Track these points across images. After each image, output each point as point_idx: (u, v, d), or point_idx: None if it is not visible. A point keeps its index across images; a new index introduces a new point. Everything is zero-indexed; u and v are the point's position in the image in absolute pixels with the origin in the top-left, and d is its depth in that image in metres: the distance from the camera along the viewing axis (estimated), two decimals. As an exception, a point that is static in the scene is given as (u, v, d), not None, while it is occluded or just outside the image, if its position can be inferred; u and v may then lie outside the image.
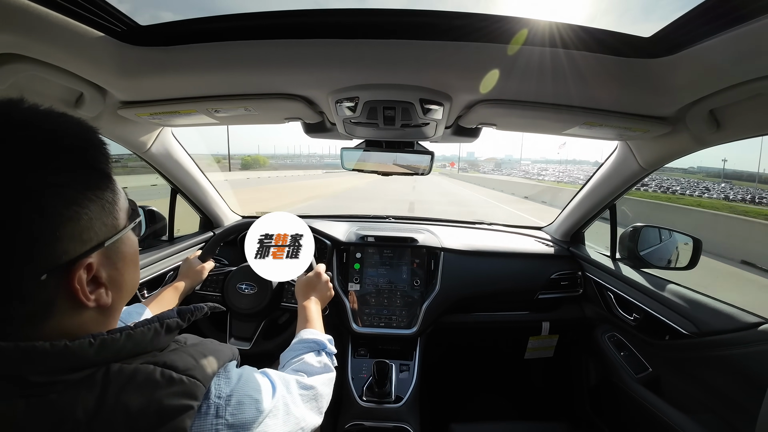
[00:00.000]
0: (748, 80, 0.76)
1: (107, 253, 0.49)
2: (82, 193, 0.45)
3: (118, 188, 0.51)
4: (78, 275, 0.45)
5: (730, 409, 1.10)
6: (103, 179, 0.48)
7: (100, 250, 0.48)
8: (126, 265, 0.54)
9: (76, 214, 0.44)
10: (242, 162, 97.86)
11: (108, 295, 0.50)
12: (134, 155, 1.43)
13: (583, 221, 1.85)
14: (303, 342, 0.94)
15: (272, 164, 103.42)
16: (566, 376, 2.01)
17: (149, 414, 0.44)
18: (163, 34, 0.84)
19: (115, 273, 0.51)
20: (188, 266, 1.40)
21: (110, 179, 0.50)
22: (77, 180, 0.45)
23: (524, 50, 0.80)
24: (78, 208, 0.44)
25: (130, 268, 0.55)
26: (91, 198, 0.46)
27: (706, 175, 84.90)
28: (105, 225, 0.48)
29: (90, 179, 0.46)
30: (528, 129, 1.30)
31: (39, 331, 0.44)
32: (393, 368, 1.51)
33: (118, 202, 0.51)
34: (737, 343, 1.08)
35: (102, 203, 0.48)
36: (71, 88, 0.93)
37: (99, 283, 0.49)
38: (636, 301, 1.45)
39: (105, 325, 0.51)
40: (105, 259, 0.49)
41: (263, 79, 0.96)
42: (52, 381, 0.42)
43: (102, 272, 0.48)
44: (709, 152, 10.92)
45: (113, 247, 0.50)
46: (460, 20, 0.77)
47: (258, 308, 1.45)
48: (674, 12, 0.88)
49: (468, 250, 1.84)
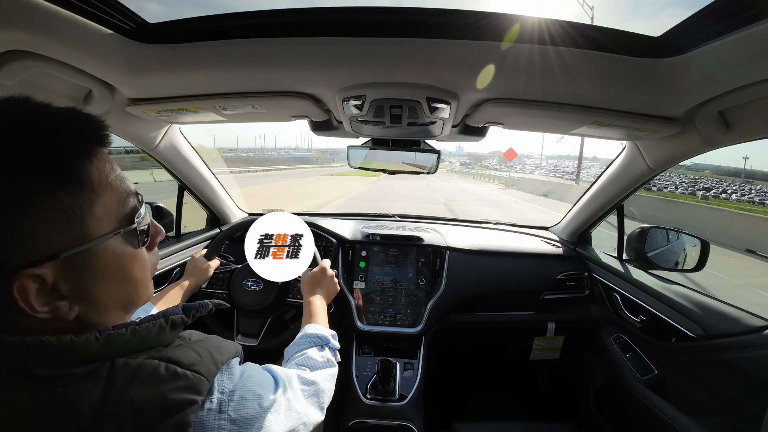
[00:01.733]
0: (759, 80, 0.75)
1: (68, 265, 0.45)
2: (25, 198, 0.41)
3: (96, 195, 0.46)
4: (20, 284, 0.41)
5: (735, 412, 1.09)
6: (65, 183, 0.43)
7: (58, 261, 0.43)
8: (99, 280, 0.48)
9: (16, 221, 0.40)
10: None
11: (72, 309, 0.46)
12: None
13: (590, 222, 1.84)
14: (307, 336, 0.95)
15: (230, 158, 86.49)
16: (571, 378, 2.00)
17: (154, 408, 0.44)
18: (171, 32, 0.84)
19: (80, 287, 0.46)
20: (194, 265, 1.41)
21: (79, 185, 0.44)
22: (19, 182, 0.40)
23: (533, 49, 0.79)
24: (19, 215, 0.40)
25: (105, 284, 0.49)
26: (38, 204, 0.41)
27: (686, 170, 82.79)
28: (62, 234, 0.43)
29: (39, 183, 0.41)
30: (535, 128, 1.30)
31: (6, 326, 0.43)
32: (397, 366, 1.51)
33: (91, 211, 0.46)
34: (744, 346, 1.07)
35: (59, 211, 0.43)
36: (80, 85, 0.94)
37: (59, 295, 0.45)
38: (642, 303, 1.44)
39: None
40: (65, 271, 0.45)
41: (271, 76, 0.96)
42: (58, 375, 0.43)
43: (62, 285, 0.45)
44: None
45: (77, 259, 0.45)
46: (468, 18, 0.77)
47: (264, 305, 1.46)
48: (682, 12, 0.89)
49: (474, 250, 1.84)
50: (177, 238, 1.72)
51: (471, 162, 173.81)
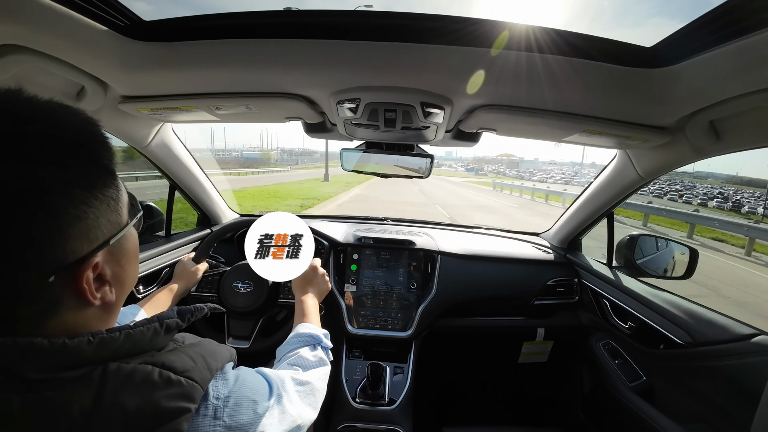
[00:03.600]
0: (748, 92, 0.76)
1: (112, 250, 0.49)
2: (89, 191, 0.44)
3: (120, 184, 0.51)
4: (86, 275, 0.45)
5: (722, 419, 1.11)
6: (108, 176, 0.48)
7: (105, 248, 0.47)
8: (129, 261, 0.53)
9: (84, 213, 0.43)
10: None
11: (112, 292, 0.50)
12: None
13: (581, 228, 1.86)
14: (299, 336, 0.94)
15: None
16: (560, 383, 2.01)
17: (146, 415, 0.44)
18: (166, 30, 0.84)
19: (118, 270, 0.51)
20: (182, 268, 1.40)
21: (114, 176, 0.49)
22: (84, 177, 0.44)
23: (526, 57, 0.80)
24: (85, 207, 0.44)
25: (132, 264, 0.55)
26: (97, 196, 0.45)
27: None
28: (110, 222, 0.48)
29: (95, 176, 0.46)
30: (528, 135, 1.31)
31: (42, 329, 0.43)
32: (387, 370, 1.51)
33: (120, 199, 0.50)
34: (731, 354, 1.08)
35: (107, 201, 0.47)
36: (73, 80, 0.93)
37: (104, 281, 0.49)
38: (631, 310, 1.46)
39: (106, 322, 0.51)
40: (110, 257, 0.49)
41: (265, 77, 0.96)
42: (49, 378, 0.42)
43: (107, 270, 0.48)
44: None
45: (117, 245, 0.50)
46: (458, 24, 0.77)
47: (255, 306, 1.45)
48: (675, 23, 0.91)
49: (465, 254, 1.84)
50: (167, 238, 1.70)
51: (477, 167, 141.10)
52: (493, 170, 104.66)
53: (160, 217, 1.71)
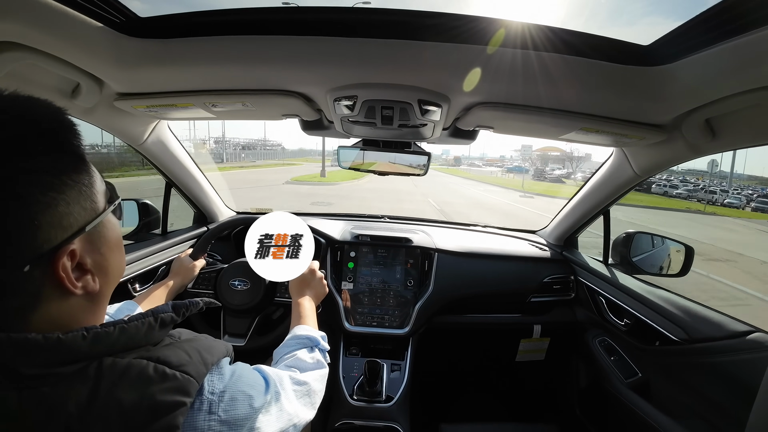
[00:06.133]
0: (744, 91, 0.76)
1: (90, 238, 0.49)
2: (58, 177, 0.44)
3: (93, 171, 0.50)
4: (62, 263, 0.44)
5: (718, 415, 1.12)
6: (78, 162, 0.47)
7: (82, 236, 0.47)
8: (110, 249, 0.53)
9: (54, 200, 0.43)
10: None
11: (95, 281, 0.50)
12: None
13: (577, 226, 1.86)
14: (296, 338, 0.94)
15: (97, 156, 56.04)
16: (556, 379, 2.02)
17: (142, 410, 0.44)
18: (161, 27, 0.83)
19: (99, 258, 0.51)
20: (179, 264, 1.39)
21: (84, 161, 0.49)
22: (51, 164, 0.44)
23: (523, 54, 0.80)
24: (55, 194, 0.43)
25: (115, 252, 0.54)
26: (67, 182, 0.45)
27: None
28: (84, 209, 0.47)
29: (64, 163, 0.45)
30: (525, 132, 1.31)
31: (27, 323, 0.43)
32: (384, 368, 1.51)
33: (94, 185, 0.50)
34: (726, 350, 1.09)
35: (79, 187, 0.47)
36: (68, 78, 0.92)
37: (84, 270, 0.48)
38: (627, 307, 1.47)
39: (94, 312, 0.51)
40: (88, 245, 0.49)
41: (262, 74, 0.95)
42: (45, 374, 0.42)
43: (86, 258, 0.48)
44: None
45: (95, 232, 0.50)
46: (455, 22, 0.77)
47: (251, 304, 1.44)
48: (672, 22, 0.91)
49: (462, 252, 1.85)
50: (163, 235, 1.70)
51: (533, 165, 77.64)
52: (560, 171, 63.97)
53: (156, 215, 1.70)
